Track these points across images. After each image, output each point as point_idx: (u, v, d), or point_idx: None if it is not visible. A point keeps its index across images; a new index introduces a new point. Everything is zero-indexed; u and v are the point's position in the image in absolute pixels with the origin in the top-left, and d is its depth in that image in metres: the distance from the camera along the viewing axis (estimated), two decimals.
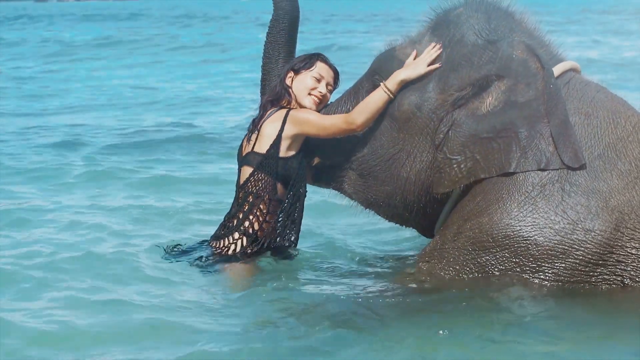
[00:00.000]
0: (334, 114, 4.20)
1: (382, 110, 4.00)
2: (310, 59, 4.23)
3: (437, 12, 4.08)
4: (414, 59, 4.00)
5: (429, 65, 3.95)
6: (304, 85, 4.19)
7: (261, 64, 4.35)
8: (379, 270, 4.50)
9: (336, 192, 4.35)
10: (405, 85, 3.98)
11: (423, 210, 4.07)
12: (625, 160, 3.75)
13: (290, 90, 4.20)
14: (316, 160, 4.23)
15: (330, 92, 4.26)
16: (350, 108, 4.16)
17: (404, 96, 3.98)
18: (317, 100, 4.20)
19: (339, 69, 4.30)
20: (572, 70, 4.02)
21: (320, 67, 4.22)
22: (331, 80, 4.23)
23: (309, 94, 4.19)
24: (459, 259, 3.77)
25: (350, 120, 4.02)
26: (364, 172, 4.10)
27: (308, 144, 4.24)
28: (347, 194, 4.26)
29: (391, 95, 3.98)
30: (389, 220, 4.31)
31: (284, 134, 4.12)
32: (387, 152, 4.03)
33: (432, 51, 3.96)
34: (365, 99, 4.02)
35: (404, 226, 4.36)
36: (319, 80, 4.21)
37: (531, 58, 3.82)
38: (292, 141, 4.15)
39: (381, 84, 4.00)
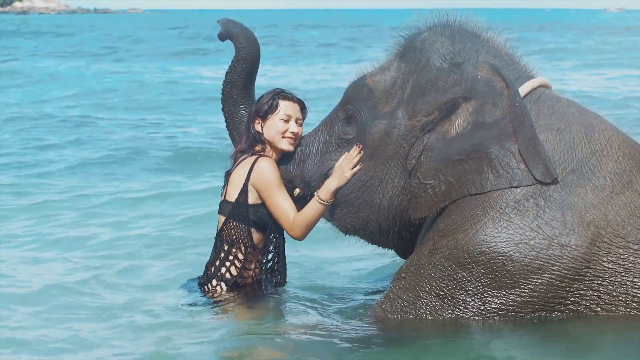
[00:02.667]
0: (312, 145, 4.25)
1: (320, 217, 4.12)
2: (273, 101, 4.22)
3: (404, 38, 4.14)
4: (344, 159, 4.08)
5: (352, 168, 4.04)
6: (275, 130, 4.21)
7: (221, 106, 4.38)
8: (361, 290, 4.57)
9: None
10: (375, 113, 4.06)
11: (399, 235, 4.13)
12: (599, 174, 3.81)
13: (262, 137, 4.22)
14: (297, 192, 4.27)
15: (301, 124, 4.29)
16: (328, 138, 4.23)
17: (374, 124, 4.06)
18: (292, 141, 4.24)
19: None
20: (543, 86, 4.07)
21: (284, 107, 4.23)
22: (299, 114, 4.26)
23: (283, 137, 4.22)
24: (436, 275, 3.82)
25: (292, 229, 4.14)
26: (339, 200, 4.14)
27: (287, 175, 4.27)
28: (328, 221, 4.32)
29: (326, 204, 4.08)
30: (372, 244, 4.38)
31: (250, 182, 4.16)
32: (359, 180, 4.08)
33: (353, 154, 4.04)
34: (304, 212, 4.10)
35: (386, 249, 4.43)
36: (287, 121, 4.22)
37: (496, 78, 3.86)
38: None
39: (315, 194, 4.09)
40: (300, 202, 4.24)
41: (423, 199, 3.92)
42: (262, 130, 4.22)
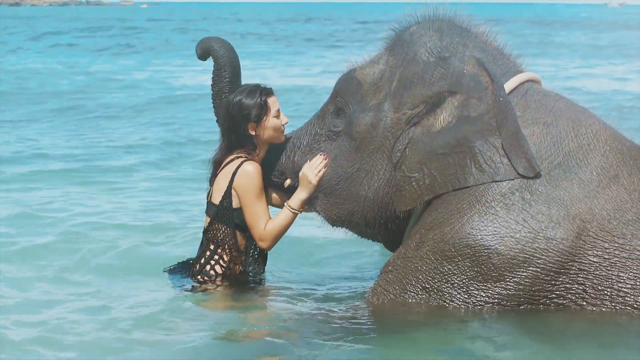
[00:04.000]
0: (303, 138, 4.36)
1: (290, 226, 4.26)
2: (260, 101, 4.27)
3: (395, 32, 4.22)
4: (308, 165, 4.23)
5: (317, 174, 4.20)
6: (274, 128, 4.31)
7: (215, 115, 4.44)
8: (348, 283, 4.64)
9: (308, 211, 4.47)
10: (362, 105, 4.15)
11: (384, 227, 4.21)
12: (586, 169, 3.87)
13: (257, 140, 4.30)
14: (287, 183, 4.38)
15: None
16: (319, 131, 4.32)
17: (361, 117, 4.14)
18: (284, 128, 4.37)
19: None
20: (532, 81, 4.15)
21: (271, 103, 4.31)
22: (278, 102, 4.36)
23: (281, 131, 4.35)
24: (422, 267, 3.89)
25: (262, 239, 4.27)
26: (327, 191, 4.24)
27: (278, 167, 4.38)
28: (317, 212, 4.39)
29: (298, 212, 4.24)
30: (360, 236, 4.46)
31: (233, 186, 4.26)
32: (346, 172, 4.18)
33: (316, 162, 4.21)
34: (275, 221, 4.25)
35: (374, 242, 4.50)
36: (278, 116, 4.33)
37: (481, 72, 3.92)
38: None
39: (285, 204, 4.25)
40: (290, 192, 4.35)
41: (407, 192, 4.00)
42: (256, 133, 4.30)
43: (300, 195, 4.23)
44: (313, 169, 4.20)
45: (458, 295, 3.85)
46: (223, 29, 39.45)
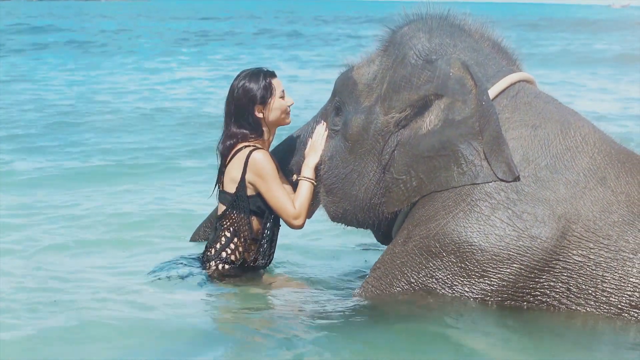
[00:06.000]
0: (307, 135, 4.63)
1: (312, 197, 4.47)
2: (265, 82, 4.51)
3: (391, 31, 4.39)
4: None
5: (322, 139, 4.46)
6: (280, 109, 4.56)
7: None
8: (346, 281, 4.84)
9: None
10: (357, 106, 4.37)
11: (375, 227, 4.45)
12: (573, 170, 3.99)
13: (264, 122, 4.52)
14: (294, 177, 4.64)
15: None
16: None
17: (354, 119, 4.37)
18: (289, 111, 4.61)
19: None
20: (525, 81, 4.29)
21: (277, 84, 4.57)
22: (282, 83, 4.60)
23: (286, 113, 4.58)
24: (409, 263, 4.07)
25: (297, 217, 4.47)
26: (326, 190, 4.51)
27: (284, 163, 4.64)
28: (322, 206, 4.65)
29: (314, 182, 4.46)
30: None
31: (247, 177, 4.47)
32: (341, 172, 4.42)
33: (319, 128, 4.48)
34: (300, 197, 4.47)
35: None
36: (283, 97, 4.55)
37: (466, 75, 4.04)
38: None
39: (300, 179, 4.47)
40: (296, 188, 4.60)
41: (395, 194, 4.19)
42: (263, 116, 4.51)
43: (310, 163, 4.48)
44: (318, 133, 4.46)
45: (442, 291, 4.01)
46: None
